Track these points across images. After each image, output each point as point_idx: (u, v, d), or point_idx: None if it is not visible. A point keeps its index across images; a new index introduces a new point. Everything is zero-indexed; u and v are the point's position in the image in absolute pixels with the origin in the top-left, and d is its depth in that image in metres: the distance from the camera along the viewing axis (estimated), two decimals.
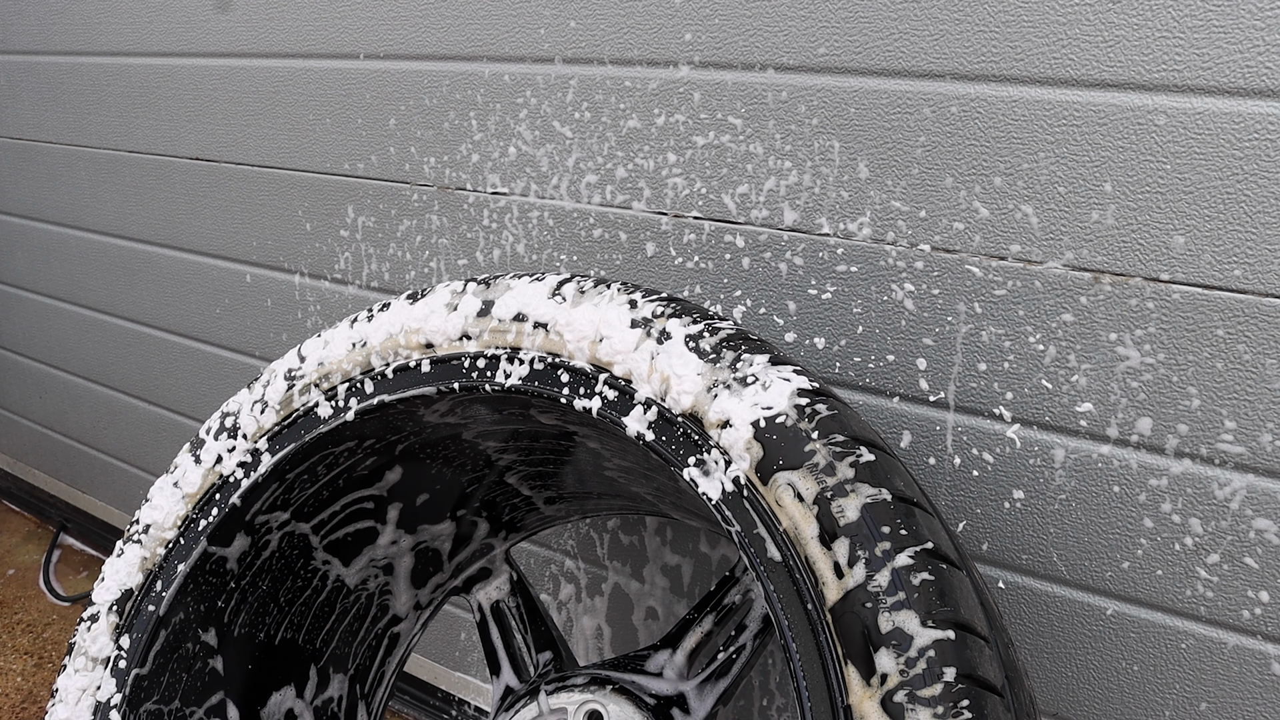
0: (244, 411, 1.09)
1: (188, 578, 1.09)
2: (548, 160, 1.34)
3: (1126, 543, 1.03)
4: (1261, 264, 0.91)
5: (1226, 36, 0.88)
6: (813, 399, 0.82)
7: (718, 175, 1.20)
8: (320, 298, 1.68)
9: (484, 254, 1.44)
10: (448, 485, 1.19)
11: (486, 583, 1.28)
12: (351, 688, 1.27)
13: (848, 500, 0.75)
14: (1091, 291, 0.99)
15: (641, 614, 1.46)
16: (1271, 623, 0.97)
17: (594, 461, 1.14)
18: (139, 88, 1.87)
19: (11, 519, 2.67)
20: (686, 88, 1.20)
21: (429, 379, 0.98)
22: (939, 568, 0.73)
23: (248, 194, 1.74)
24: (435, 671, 1.76)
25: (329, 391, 1.04)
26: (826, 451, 0.78)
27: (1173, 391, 0.98)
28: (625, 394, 0.87)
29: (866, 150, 1.09)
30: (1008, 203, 1.02)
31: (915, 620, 0.70)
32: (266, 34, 1.61)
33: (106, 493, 2.36)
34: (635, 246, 1.29)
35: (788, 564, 0.76)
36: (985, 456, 1.09)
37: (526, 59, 1.33)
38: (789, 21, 1.11)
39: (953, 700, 0.67)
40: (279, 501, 1.11)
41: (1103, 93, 0.95)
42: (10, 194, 2.26)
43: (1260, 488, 0.95)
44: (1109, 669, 1.07)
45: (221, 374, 1.91)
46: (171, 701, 1.11)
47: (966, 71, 1.01)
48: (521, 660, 1.23)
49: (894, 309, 1.11)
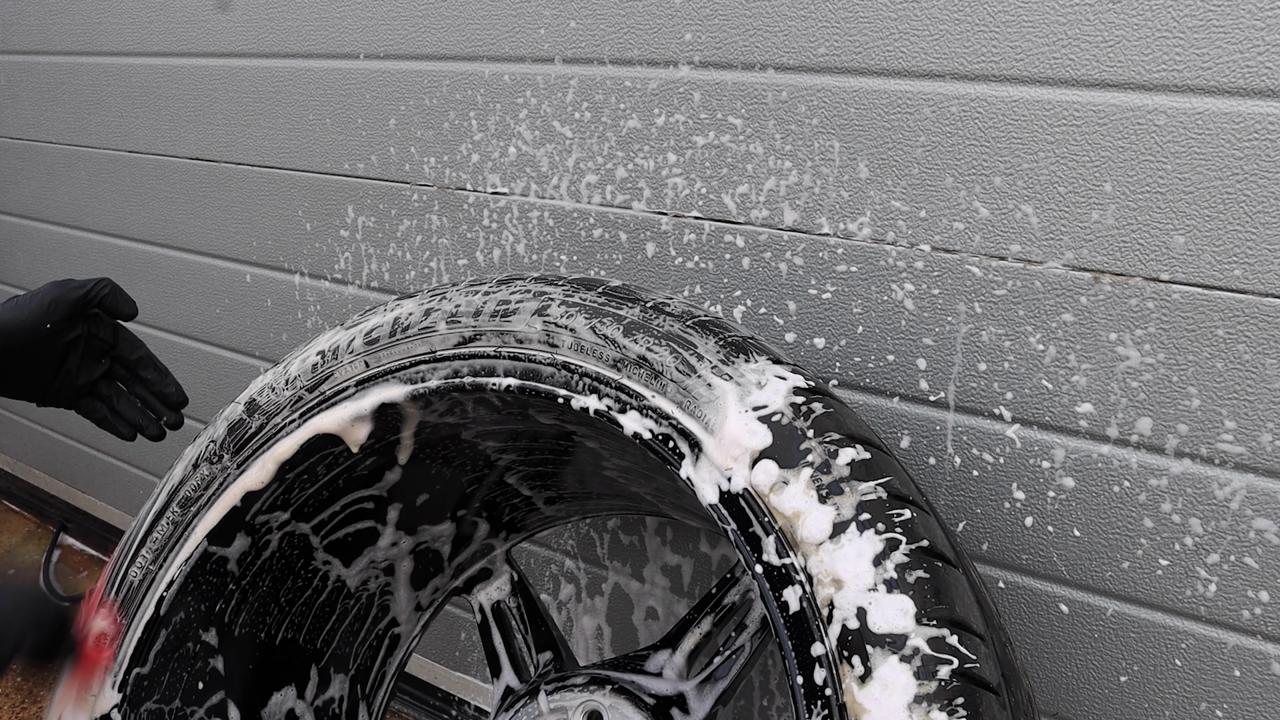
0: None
1: (188, 578, 1.09)
2: (548, 160, 1.34)
3: (1126, 543, 1.03)
4: (1261, 264, 0.91)
5: (1226, 36, 0.88)
6: (809, 397, 0.82)
7: (718, 175, 1.20)
8: (320, 298, 1.68)
9: (484, 254, 1.44)
10: (448, 486, 1.19)
11: (487, 583, 1.28)
12: (353, 688, 1.27)
13: (843, 498, 0.75)
14: (1091, 291, 0.99)
15: (641, 614, 1.46)
16: (1271, 623, 0.97)
17: (594, 461, 1.14)
18: (139, 88, 1.87)
19: (11, 519, 2.67)
20: (686, 88, 1.20)
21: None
22: (935, 566, 0.73)
23: (248, 194, 1.74)
24: (436, 671, 1.76)
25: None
26: (822, 450, 0.78)
27: (1173, 391, 0.97)
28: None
29: (866, 150, 1.09)
30: (1008, 203, 1.02)
31: (910, 618, 0.70)
32: (266, 34, 1.62)
33: (106, 493, 2.36)
34: (635, 246, 1.29)
35: (783, 562, 0.76)
36: (985, 456, 1.09)
37: (526, 59, 1.33)
38: (789, 21, 1.11)
39: (948, 698, 0.67)
40: (279, 501, 1.11)
41: (1103, 93, 0.95)
42: (10, 194, 2.26)
43: (1260, 488, 0.95)
44: (1109, 669, 1.07)
45: (221, 374, 1.91)
46: (172, 701, 1.11)
47: (966, 71, 1.01)
48: (522, 660, 1.23)
49: (894, 309, 1.11)
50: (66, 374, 1.09)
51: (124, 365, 1.14)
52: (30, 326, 1.04)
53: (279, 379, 1.08)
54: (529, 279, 0.99)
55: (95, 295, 1.08)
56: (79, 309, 1.07)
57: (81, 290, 1.07)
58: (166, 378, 1.16)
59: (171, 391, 1.15)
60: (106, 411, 1.13)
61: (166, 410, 1.16)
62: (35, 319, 1.04)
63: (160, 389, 1.15)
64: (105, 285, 1.09)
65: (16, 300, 1.05)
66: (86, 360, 1.10)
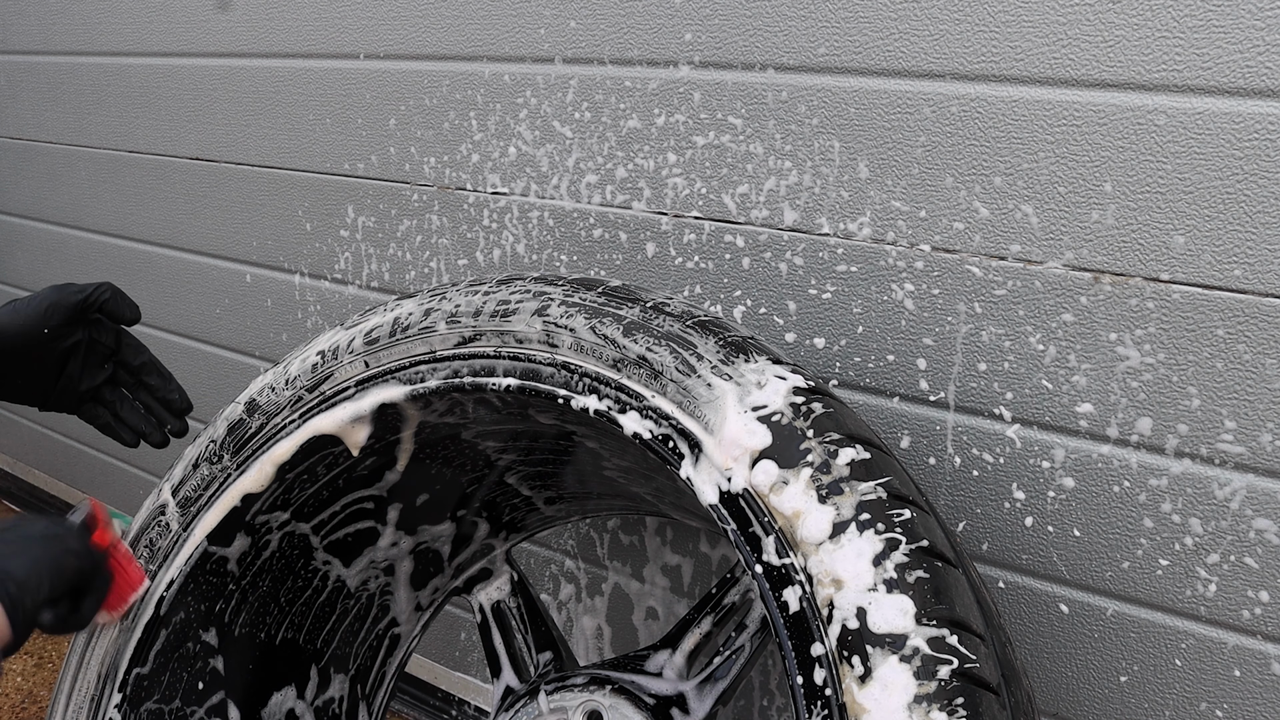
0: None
1: (188, 578, 1.09)
2: (548, 160, 1.34)
3: (1126, 543, 1.03)
4: (1261, 264, 0.91)
5: (1226, 36, 0.88)
6: (808, 397, 0.82)
7: (718, 175, 1.20)
8: (320, 298, 1.68)
9: (484, 254, 1.44)
10: (448, 486, 1.19)
11: (487, 583, 1.28)
12: (352, 688, 1.27)
13: (843, 498, 0.75)
14: (1091, 291, 0.99)
15: (641, 614, 1.46)
16: (1271, 623, 0.97)
17: (594, 461, 1.14)
18: (139, 88, 1.87)
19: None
20: (686, 88, 1.20)
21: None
22: (934, 565, 0.73)
23: (248, 194, 1.74)
24: (435, 671, 1.76)
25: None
26: (822, 450, 0.78)
27: (1173, 391, 0.97)
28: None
29: (866, 150, 1.09)
30: (1008, 202, 1.02)
31: (910, 618, 0.70)
32: (266, 34, 1.62)
33: (106, 493, 2.36)
34: (635, 246, 1.29)
35: (783, 562, 0.76)
36: (985, 456, 1.09)
37: (526, 59, 1.33)
38: (789, 21, 1.11)
39: (948, 698, 0.67)
40: (279, 501, 1.11)
41: (1103, 93, 0.95)
42: (10, 194, 2.26)
43: (1260, 488, 0.95)
44: (1109, 669, 1.07)
45: (221, 374, 1.91)
46: (172, 701, 1.11)
47: (966, 71, 1.01)
48: (522, 660, 1.23)
49: (894, 309, 1.11)
50: (68, 379, 1.09)
51: (127, 371, 1.14)
52: (27, 331, 1.04)
53: (279, 379, 1.08)
54: (529, 279, 0.99)
55: (95, 300, 1.07)
56: (78, 314, 1.07)
57: (81, 295, 1.06)
58: (170, 383, 1.15)
59: (175, 398, 1.15)
60: (109, 417, 1.13)
61: (170, 416, 1.15)
62: (33, 323, 1.04)
63: (164, 395, 1.15)
64: (106, 290, 1.08)
65: (14, 304, 1.05)
66: (89, 365, 1.10)
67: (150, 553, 1.10)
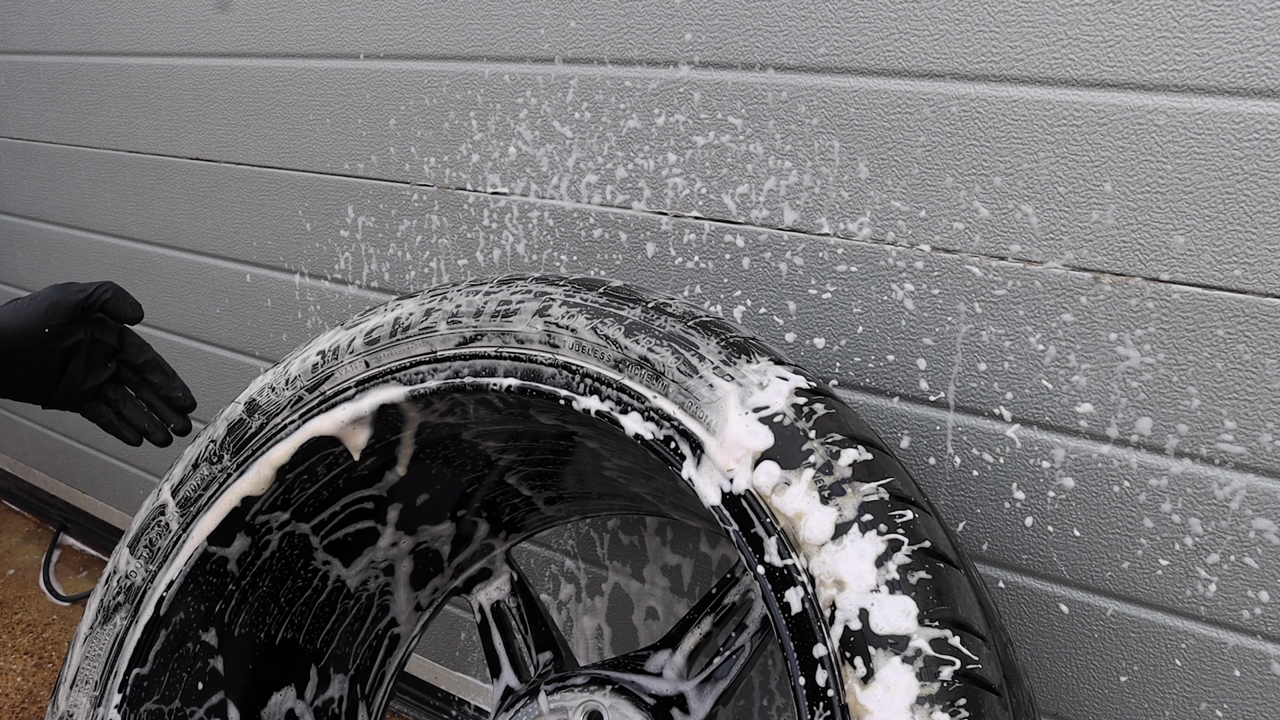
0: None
1: (188, 578, 1.09)
2: (548, 160, 1.34)
3: (1126, 543, 1.03)
4: (1261, 264, 0.91)
5: (1226, 36, 0.88)
6: (810, 398, 0.82)
7: (718, 175, 1.20)
8: (320, 298, 1.68)
9: (484, 254, 1.44)
10: (448, 486, 1.19)
11: (487, 583, 1.28)
12: (352, 688, 1.27)
13: (845, 499, 0.75)
14: (1091, 291, 0.99)
15: (641, 614, 1.46)
16: (1271, 623, 0.97)
17: (594, 462, 1.14)
18: (139, 88, 1.87)
19: (11, 519, 2.67)
20: (686, 88, 1.20)
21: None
22: (936, 566, 0.73)
23: (248, 194, 1.74)
24: (435, 671, 1.76)
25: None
26: (824, 450, 0.78)
27: (1173, 391, 0.98)
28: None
29: (866, 150, 1.09)
30: (1008, 203, 1.02)
31: (912, 619, 0.70)
32: (266, 34, 1.62)
33: (106, 493, 2.36)
34: (635, 246, 1.29)
35: (784, 563, 0.76)
36: (985, 456, 1.09)
37: (526, 59, 1.33)
38: (789, 21, 1.11)
39: (950, 699, 0.67)
40: (279, 501, 1.11)
41: (1103, 93, 0.95)
42: (10, 194, 2.26)
43: (1260, 488, 0.95)
44: (1109, 669, 1.07)
45: (221, 374, 1.91)
46: (172, 701, 1.11)
47: (966, 71, 1.01)
48: (522, 660, 1.23)
49: (894, 309, 1.11)
50: (70, 378, 1.09)
51: (130, 369, 1.14)
52: (28, 330, 1.04)
53: (279, 379, 1.08)
54: (530, 279, 0.99)
55: (96, 299, 1.07)
56: (79, 313, 1.07)
57: (81, 294, 1.06)
58: (174, 381, 1.15)
59: (179, 396, 1.15)
60: (112, 416, 1.13)
61: (173, 415, 1.16)
62: (33, 323, 1.04)
63: (167, 393, 1.15)
64: (107, 289, 1.08)
65: (15, 303, 1.05)
66: (91, 364, 1.10)
67: (150, 553, 1.10)
